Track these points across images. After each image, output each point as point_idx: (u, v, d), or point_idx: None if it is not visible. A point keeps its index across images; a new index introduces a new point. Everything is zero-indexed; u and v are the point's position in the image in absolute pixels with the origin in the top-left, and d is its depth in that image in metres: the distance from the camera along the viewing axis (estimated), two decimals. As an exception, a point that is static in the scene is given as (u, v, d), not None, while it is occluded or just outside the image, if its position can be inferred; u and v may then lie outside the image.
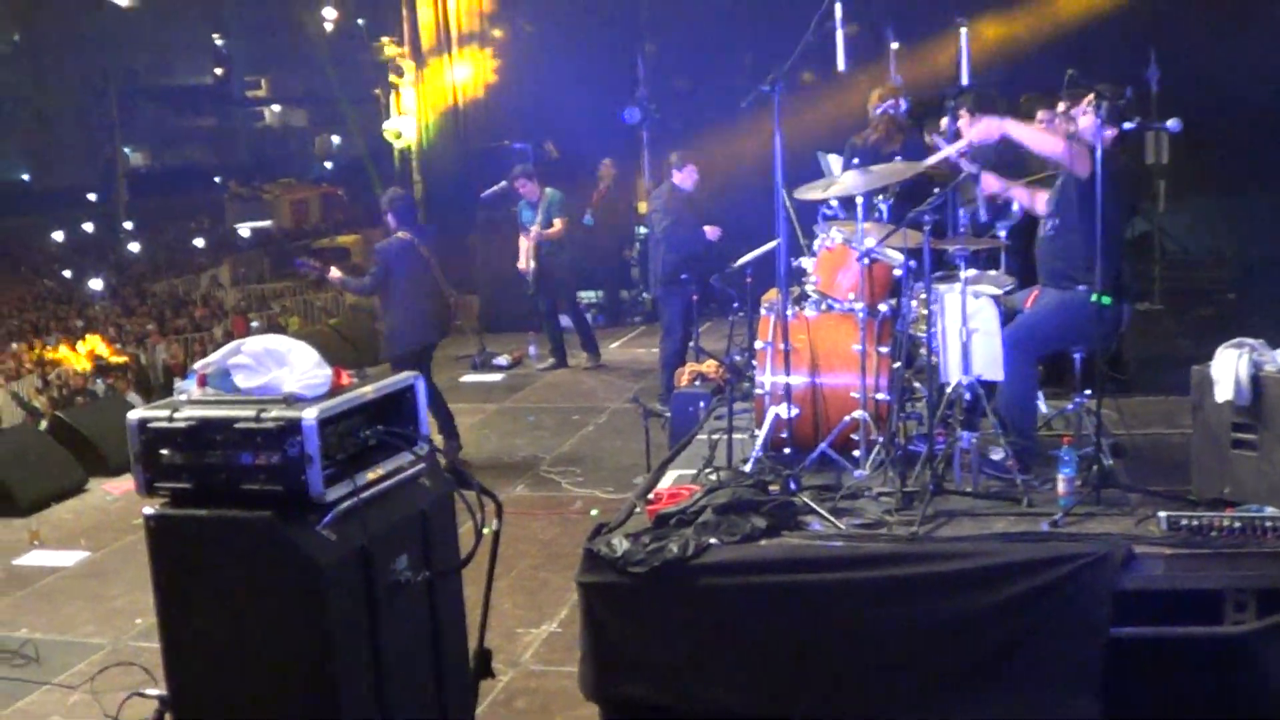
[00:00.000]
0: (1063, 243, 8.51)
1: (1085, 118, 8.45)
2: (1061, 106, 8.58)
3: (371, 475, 5.11)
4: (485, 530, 5.51)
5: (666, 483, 8.81)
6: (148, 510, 4.96)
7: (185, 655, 5.04)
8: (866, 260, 8.92)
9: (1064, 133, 8.66)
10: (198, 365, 5.23)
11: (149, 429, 4.91)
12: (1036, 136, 8.45)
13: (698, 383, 12.30)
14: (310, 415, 4.73)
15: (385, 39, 24.14)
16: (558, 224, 17.82)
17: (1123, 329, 8.88)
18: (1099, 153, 8.02)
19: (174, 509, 4.94)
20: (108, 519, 12.70)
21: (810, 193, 9.30)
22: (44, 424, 15.03)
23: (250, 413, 4.81)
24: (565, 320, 18.75)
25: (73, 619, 9.96)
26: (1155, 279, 17.94)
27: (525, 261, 18.11)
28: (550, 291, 18.51)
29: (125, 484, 13.64)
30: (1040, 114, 8.75)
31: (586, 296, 22.38)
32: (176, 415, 4.91)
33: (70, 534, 12.27)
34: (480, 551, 5.46)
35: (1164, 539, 7.24)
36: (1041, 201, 8.85)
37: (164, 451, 4.90)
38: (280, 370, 5.01)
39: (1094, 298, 8.21)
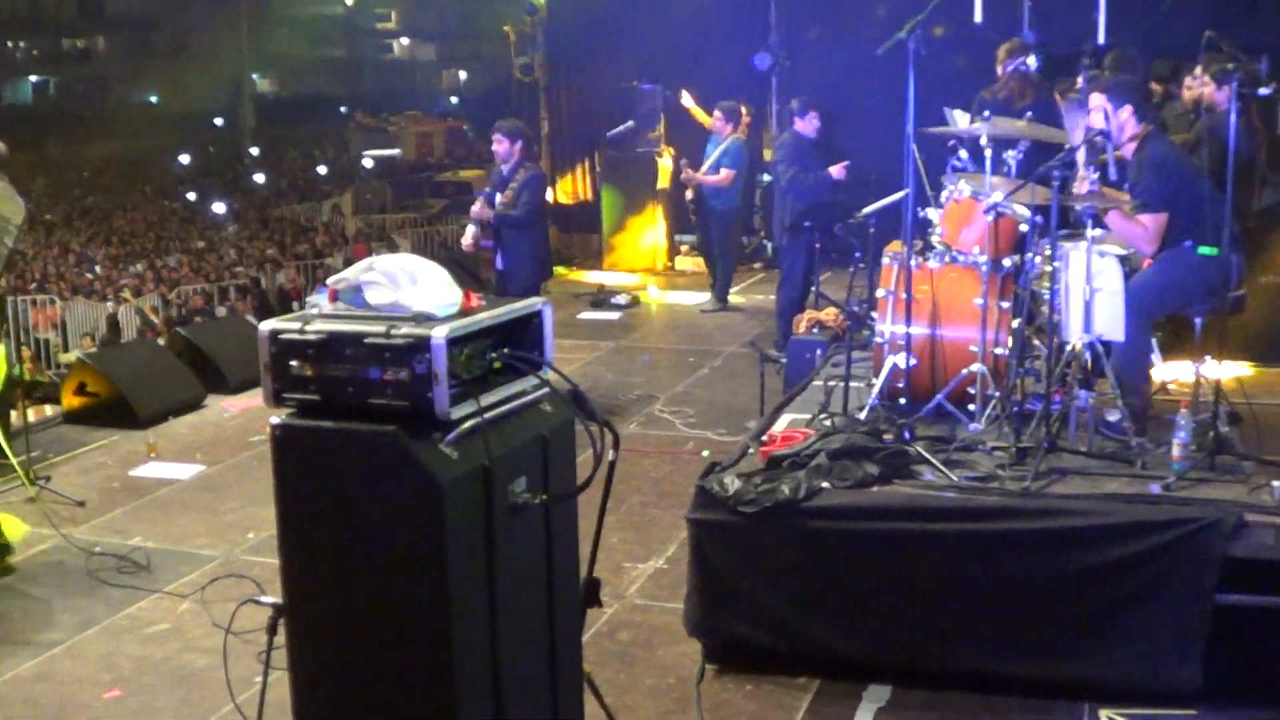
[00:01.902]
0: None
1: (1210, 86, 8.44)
2: (1199, 71, 8.54)
3: (495, 397, 5.16)
4: (601, 464, 5.56)
5: (780, 426, 8.85)
6: (274, 419, 5.02)
7: (302, 565, 5.10)
8: (993, 214, 8.90)
9: (1195, 97, 8.64)
10: (330, 280, 5.29)
11: (280, 340, 4.98)
12: (1123, 226, 8.46)
13: (815, 330, 12.31)
14: (440, 334, 4.77)
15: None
16: (724, 174, 17.72)
17: (1236, 286, 8.82)
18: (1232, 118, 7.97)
19: (301, 419, 5.01)
20: (224, 435, 12.87)
21: (944, 130, 9.34)
22: (162, 339, 15.20)
23: (380, 328, 4.87)
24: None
25: (185, 530, 10.12)
26: (1282, 251, 17.69)
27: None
28: (708, 232, 18.55)
29: (242, 402, 13.82)
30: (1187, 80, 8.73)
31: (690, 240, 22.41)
32: (308, 328, 4.97)
33: (186, 448, 12.44)
34: (595, 482, 5.51)
35: (1276, 508, 7.22)
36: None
37: (293, 363, 4.95)
38: (412, 289, 5.06)
39: (1199, 250, 8.20)
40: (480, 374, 5.13)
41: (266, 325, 5.04)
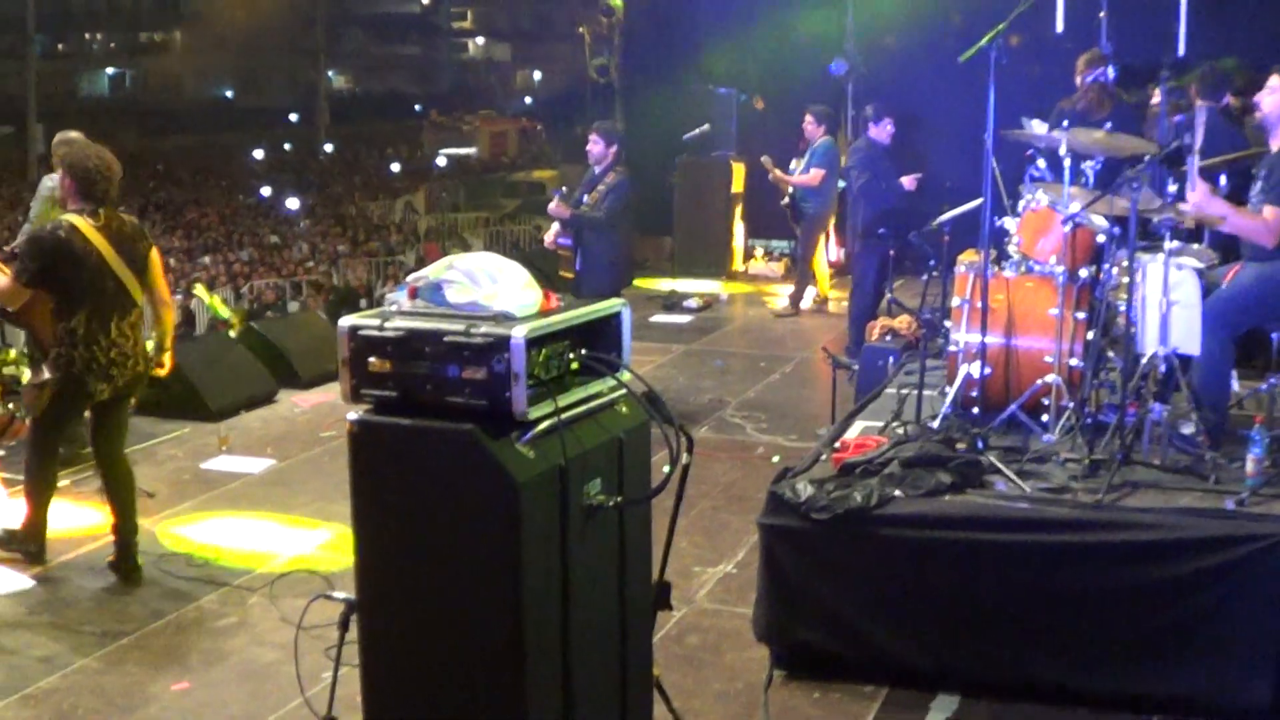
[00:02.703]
0: None
1: (1273, 98, 8.38)
2: (1273, 82, 8.48)
3: (572, 398, 5.18)
4: (674, 468, 5.57)
5: (853, 433, 8.85)
6: (352, 415, 5.06)
7: (377, 561, 5.14)
8: (1070, 224, 8.87)
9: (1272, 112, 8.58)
10: (410, 278, 5.33)
11: (359, 336, 5.01)
12: (1242, 224, 8.39)
13: (888, 338, 12.31)
14: (519, 333, 4.80)
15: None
16: (814, 174, 17.71)
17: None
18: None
19: (378, 416, 5.04)
20: (295, 430, 12.93)
21: (1024, 135, 9.36)
22: (233, 333, 15.29)
23: (460, 327, 4.89)
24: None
25: (255, 525, 10.16)
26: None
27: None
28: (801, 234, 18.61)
29: (314, 397, 13.89)
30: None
31: (779, 247, 22.39)
32: (387, 324, 5.00)
33: (258, 442, 12.50)
34: (669, 484, 5.52)
35: (1349, 524, 7.16)
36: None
37: (372, 359, 4.99)
38: (491, 287, 5.09)
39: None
40: (558, 374, 5.16)
41: (346, 321, 5.08)
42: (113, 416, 9.15)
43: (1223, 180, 8.94)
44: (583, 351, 5.24)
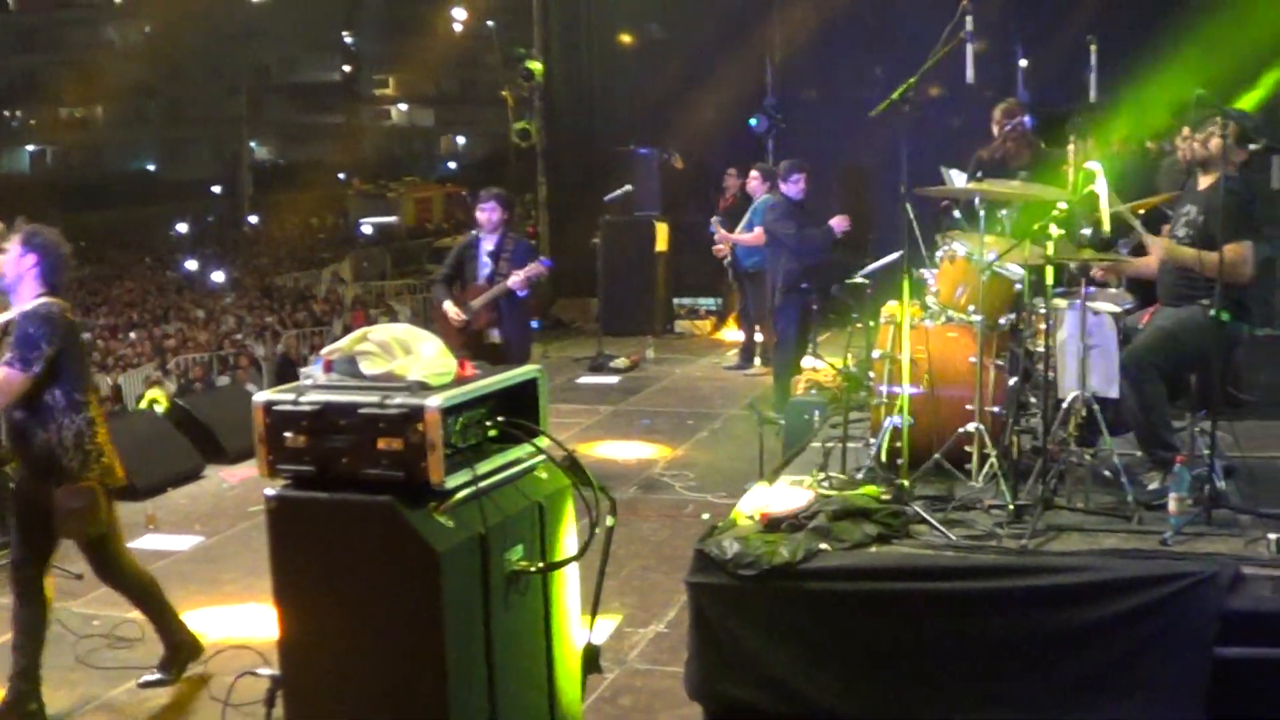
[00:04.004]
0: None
1: (1214, 141, 8.46)
2: (1186, 131, 8.59)
3: (490, 465, 5.19)
4: (598, 530, 5.58)
5: (779, 488, 8.86)
6: (269, 491, 5.05)
7: (299, 636, 5.13)
8: (986, 273, 8.93)
9: (1190, 156, 8.69)
10: (324, 351, 5.33)
11: (274, 411, 5.01)
12: (1213, 264, 8.50)
13: (813, 392, 12.32)
14: (434, 403, 4.81)
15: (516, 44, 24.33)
16: (757, 232, 17.72)
17: (1238, 350, 8.89)
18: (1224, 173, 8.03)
19: (296, 491, 5.03)
20: (223, 505, 12.84)
21: (939, 191, 9.42)
22: (160, 409, 15.22)
23: (375, 398, 4.90)
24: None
25: (185, 603, 10.07)
26: (1278, 304, 17.76)
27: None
28: (744, 293, 18.64)
29: (241, 471, 13.81)
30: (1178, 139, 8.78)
31: (705, 304, 22.46)
32: (302, 398, 5.00)
33: (185, 519, 12.41)
34: (593, 548, 5.53)
35: (1274, 560, 7.23)
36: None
37: (288, 434, 4.99)
38: (406, 358, 5.10)
39: (1213, 313, 8.22)
40: (476, 442, 5.16)
41: (260, 396, 5.08)
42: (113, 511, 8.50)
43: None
44: (500, 418, 5.24)
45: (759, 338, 18.59)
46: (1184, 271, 8.55)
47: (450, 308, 12.56)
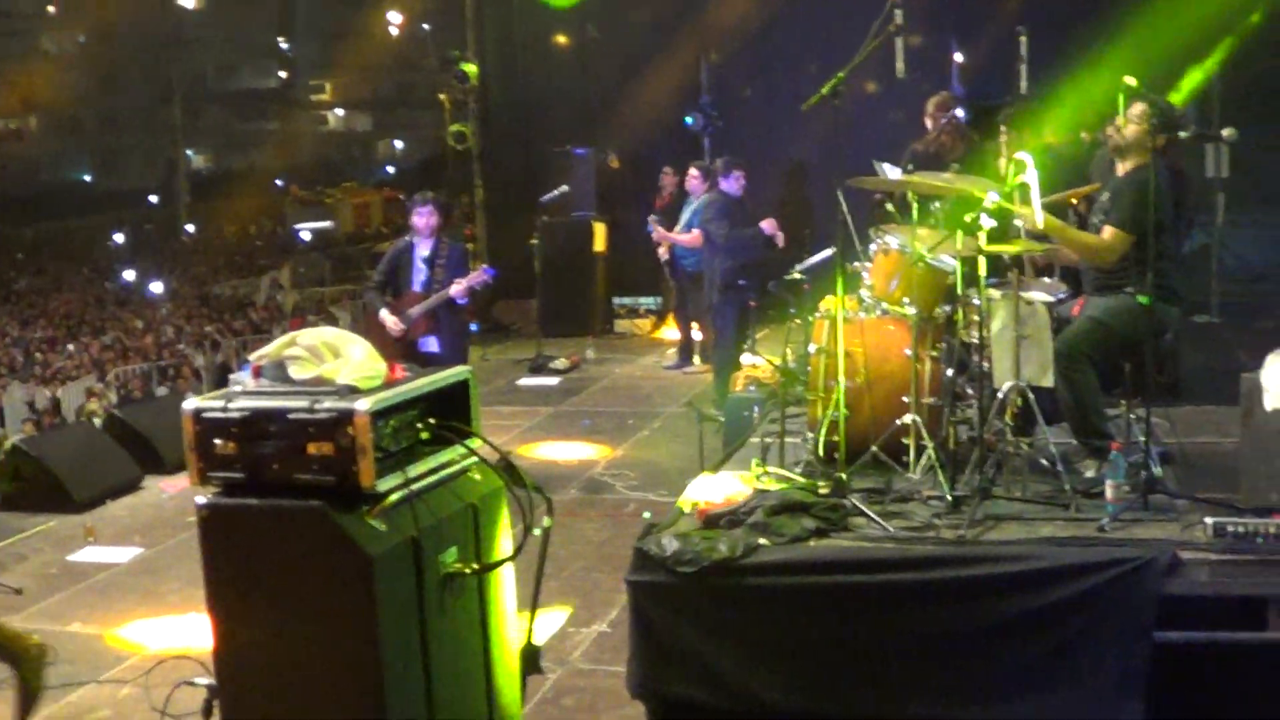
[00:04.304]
0: None
1: (1135, 127, 8.51)
2: (1119, 120, 8.63)
3: (423, 468, 5.17)
4: (536, 531, 5.57)
5: (718, 484, 8.85)
6: (200, 499, 5.02)
7: (234, 644, 5.10)
8: (920, 265, 8.94)
9: (1115, 144, 8.75)
10: (253, 356, 5.30)
11: (203, 419, 4.98)
12: (1081, 243, 8.59)
13: (752, 388, 12.33)
14: (363, 406, 4.78)
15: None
16: (695, 233, 17.68)
17: (1169, 335, 8.96)
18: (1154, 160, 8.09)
19: (227, 498, 5.00)
20: (162, 516, 12.76)
21: (871, 183, 9.45)
22: (99, 421, 15.13)
23: (304, 403, 4.87)
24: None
25: (126, 614, 10.03)
26: (1213, 292, 17.88)
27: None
28: (682, 292, 18.65)
29: (180, 482, 13.73)
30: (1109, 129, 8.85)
31: (645, 303, 22.44)
32: (231, 405, 4.97)
33: (125, 531, 12.34)
34: (531, 549, 5.52)
35: (1210, 545, 7.25)
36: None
37: (218, 441, 4.96)
38: (335, 362, 5.08)
39: (1137, 299, 8.29)
40: (408, 445, 5.14)
41: (189, 404, 5.05)
42: None
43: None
44: (431, 421, 5.22)
45: (697, 336, 18.59)
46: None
47: (388, 317, 12.33)
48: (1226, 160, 18.03)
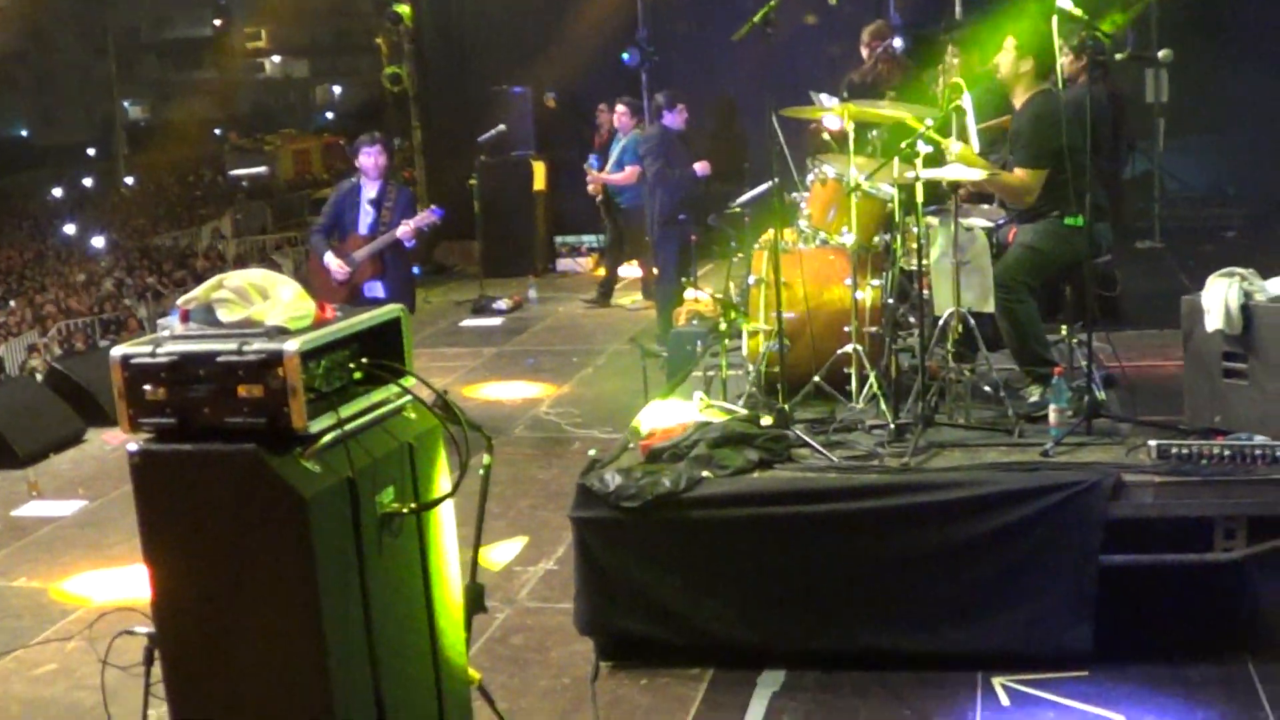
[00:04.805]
0: None
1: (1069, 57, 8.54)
2: (1059, 45, 8.62)
3: (356, 408, 5.11)
4: (481, 471, 5.52)
5: (661, 418, 8.83)
6: (131, 446, 4.95)
7: (172, 591, 5.03)
8: (857, 194, 8.91)
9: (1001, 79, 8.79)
10: (180, 300, 5.22)
11: (132, 365, 4.89)
12: (999, 184, 8.70)
13: (695, 322, 12.31)
14: (293, 347, 4.71)
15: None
16: (629, 171, 17.65)
17: (1106, 254, 8.99)
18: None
19: (158, 444, 4.93)
20: (105, 468, 12.69)
21: (805, 112, 9.43)
22: (39, 375, 15.02)
23: (232, 346, 4.79)
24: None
25: (71, 568, 9.97)
26: (1156, 217, 17.93)
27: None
28: (618, 231, 18.71)
29: (123, 434, 13.58)
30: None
31: (587, 241, 22.41)
32: (159, 350, 4.88)
33: (68, 484, 12.28)
34: (472, 488, 5.49)
35: (1154, 467, 7.29)
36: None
37: (147, 387, 4.88)
38: (264, 303, 5.01)
39: (1066, 221, 8.33)
40: (340, 385, 5.08)
41: (117, 351, 4.96)
42: None
43: None
44: (363, 360, 5.16)
45: (636, 273, 18.63)
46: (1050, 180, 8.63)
47: (333, 261, 12.13)
48: (1166, 85, 18.04)
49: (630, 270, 19.48)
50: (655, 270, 16.04)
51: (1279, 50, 18.24)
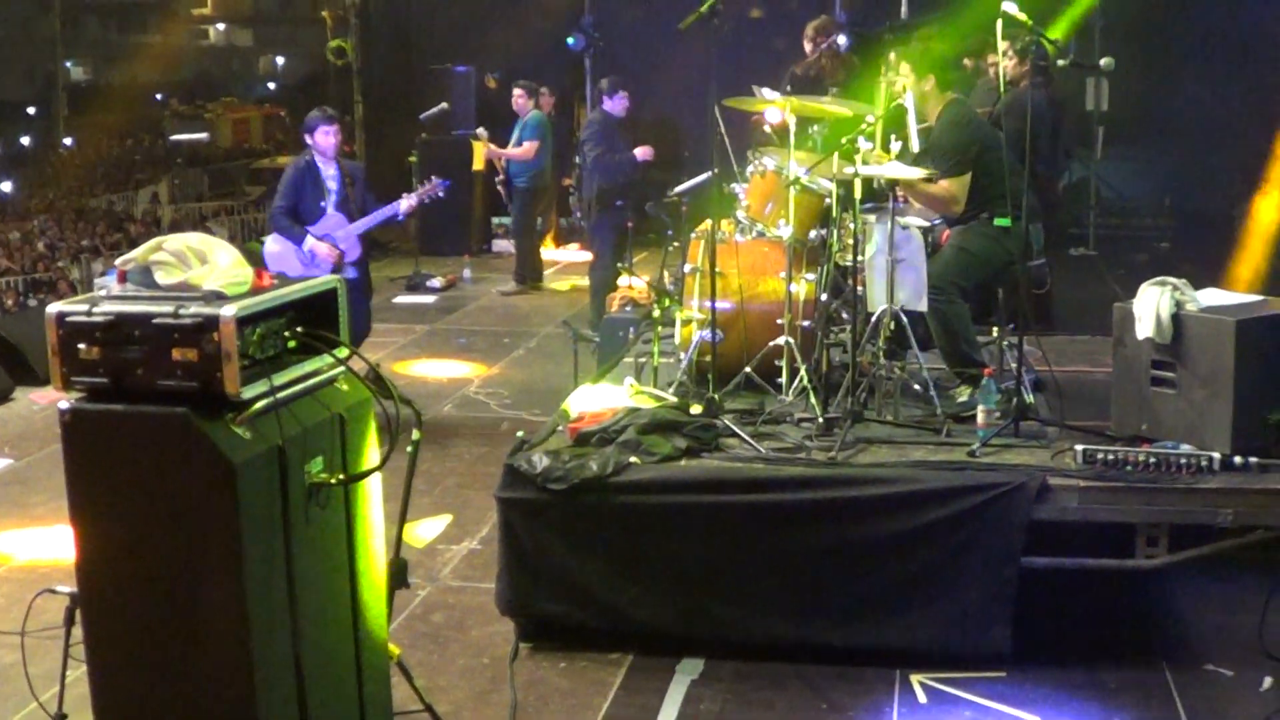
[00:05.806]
0: None
1: (1006, 59, 8.60)
2: (1004, 47, 8.68)
3: (289, 376, 5.12)
4: (410, 447, 5.53)
5: (591, 403, 8.85)
6: (63, 404, 4.94)
7: (96, 551, 5.02)
8: (796, 188, 8.94)
9: (998, 73, 8.82)
10: (118, 261, 5.22)
11: (67, 322, 4.88)
12: (929, 195, 8.79)
13: (628, 308, 12.34)
14: (229, 312, 4.71)
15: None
16: (527, 147, 17.74)
17: (1036, 256, 9.09)
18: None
19: (90, 404, 4.92)
20: (33, 428, 12.62)
21: (747, 104, 9.46)
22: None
23: (168, 308, 4.79)
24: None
25: (-7, 525, 9.95)
26: (1091, 225, 18.07)
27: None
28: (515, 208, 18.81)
29: (51, 393, 13.53)
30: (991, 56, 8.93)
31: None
32: (95, 309, 4.88)
33: (-6, 442, 12.22)
34: (400, 463, 5.50)
35: (1079, 472, 7.36)
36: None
37: (81, 346, 4.87)
38: (202, 268, 5.01)
39: (995, 221, 8.41)
40: (274, 354, 5.08)
41: (53, 308, 4.95)
42: None
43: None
44: (298, 329, 5.16)
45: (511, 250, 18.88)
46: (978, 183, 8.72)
47: (319, 246, 11.65)
48: (1107, 93, 18.18)
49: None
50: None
51: (1220, 63, 18.43)
